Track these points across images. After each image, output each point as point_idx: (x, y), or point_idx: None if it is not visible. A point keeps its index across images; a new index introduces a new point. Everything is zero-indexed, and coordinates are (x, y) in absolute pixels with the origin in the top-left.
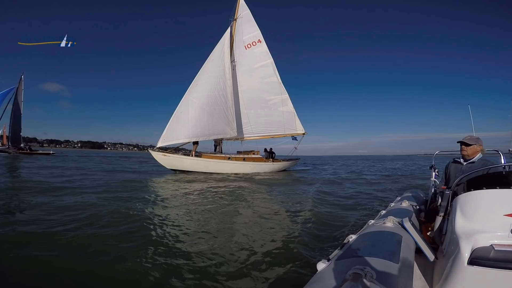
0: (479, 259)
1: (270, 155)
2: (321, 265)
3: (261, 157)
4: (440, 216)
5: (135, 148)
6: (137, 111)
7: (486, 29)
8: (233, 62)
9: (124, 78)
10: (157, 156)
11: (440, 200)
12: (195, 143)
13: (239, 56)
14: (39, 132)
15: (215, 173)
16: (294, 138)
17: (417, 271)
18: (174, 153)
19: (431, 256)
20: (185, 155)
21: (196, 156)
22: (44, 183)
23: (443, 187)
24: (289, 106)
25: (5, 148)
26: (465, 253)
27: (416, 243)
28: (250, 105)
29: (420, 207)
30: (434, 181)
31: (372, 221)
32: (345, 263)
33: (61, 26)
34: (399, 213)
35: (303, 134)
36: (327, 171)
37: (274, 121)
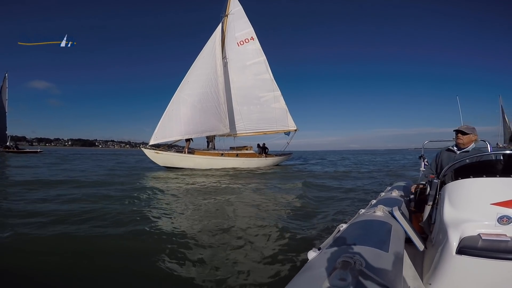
0: (467, 248)
1: (263, 150)
2: (312, 254)
3: (254, 152)
4: (429, 205)
5: (127, 145)
6: (128, 108)
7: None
8: (224, 59)
9: (113, 74)
10: (150, 154)
11: (428, 189)
12: (188, 140)
13: (231, 53)
14: (28, 131)
15: (208, 169)
16: (286, 134)
17: (407, 260)
18: (167, 150)
19: (420, 246)
20: (177, 152)
21: (189, 153)
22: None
23: (431, 175)
24: (281, 103)
25: None
26: (453, 242)
27: (405, 232)
28: (242, 101)
29: (410, 196)
30: (424, 170)
31: (363, 210)
32: (335, 251)
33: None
34: (389, 203)
35: (295, 130)
36: (319, 164)
37: (266, 117)
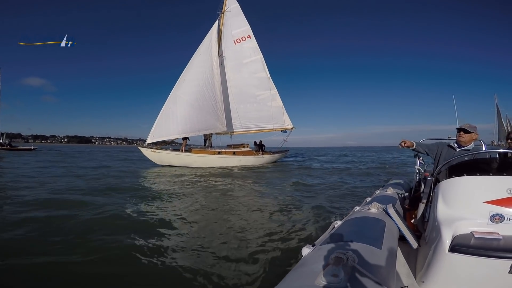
0: (459, 246)
1: (260, 148)
2: (306, 250)
3: (251, 150)
4: (422, 203)
5: (124, 142)
6: (124, 104)
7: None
8: (221, 57)
9: (109, 70)
10: (147, 153)
11: (423, 187)
12: (185, 138)
13: (227, 51)
14: (23, 128)
15: (205, 167)
16: (283, 132)
17: (401, 258)
18: (165, 146)
19: (414, 243)
20: (175, 150)
21: (186, 151)
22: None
23: (425, 173)
24: (278, 101)
25: None
26: (446, 240)
27: (399, 230)
28: (239, 100)
29: (405, 194)
30: (419, 169)
31: (358, 207)
32: (329, 248)
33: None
34: (384, 200)
35: (291, 128)
36: (315, 161)
37: (263, 115)
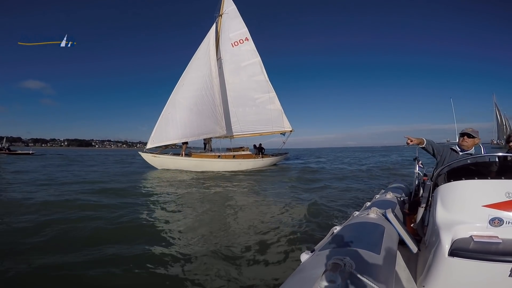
0: (459, 250)
1: (259, 151)
2: (304, 256)
3: (250, 153)
4: (422, 207)
5: (124, 145)
6: (123, 106)
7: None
8: (219, 60)
9: (108, 73)
10: (148, 158)
11: (422, 191)
12: (185, 142)
13: (225, 54)
14: (23, 132)
15: (205, 171)
16: (282, 134)
17: (401, 262)
18: (164, 152)
19: (413, 248)
20: (175, 154)
21: (186, 155)
22: None
23: (424, 178)
24: (277, 104)
25: None
26: (446, 244)
27: (399, 234)
28: (238, 103)
29: (405, 198)
30: (418, 173)
31: (357, 212)
32: (327, 254)
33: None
34: (383, 205)
35: (291, 131)
36: (315, 163)
37: (262, 119)
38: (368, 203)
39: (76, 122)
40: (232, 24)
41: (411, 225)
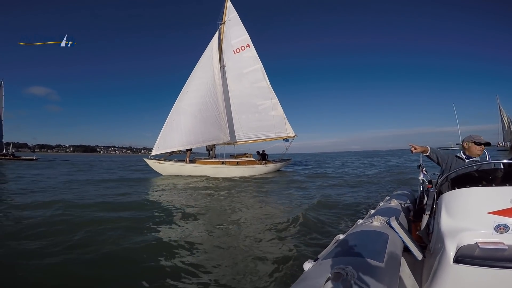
0: (464, 257)
1: (262, 157)
2: (307, 265)
3: (254, 160)
4: (426, 214)
5: (129, 151)
6: (127, 111)
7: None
8: (222, 67)
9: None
10: (153, 164)
11: (426, 199)
12: (189, 149)
13: (228, 61)
14: (29, 138)
15: (209, 178)
16: (285, 140)
17: (406, 269)
18: (169, 159)
19: (418, 255)
20: (179, 161)
21: (191, 161)
22: None
23: (428, 185)
24: (279, 110)
25: None
26: (451, 251)
27: (403, 242)
28: (241, 110)
29: (409, 206)
30: (423, 180)
31: (361, 220)
32: (330, 263)
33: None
34: (387, 213)
35: (293, 136)
36: (318, 168)
37: (265, 125)
38: (372, 211)
39: (81, 128)
40: (233, 31)
41: (416, 232)
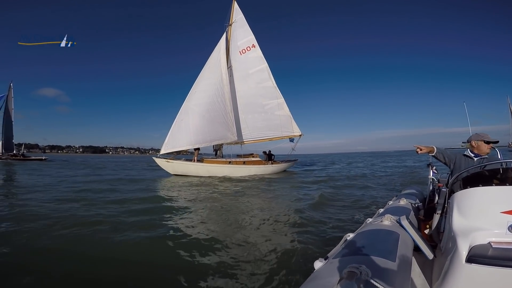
0: (477, 257)
1: (269, 157)
2: (318, 264)
3: (260, 160)
4: (437, 214)
5: (137, 152)
6: (134, 112)
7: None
8: (229, 68)
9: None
10: (161, 163)
11: (437, 198)
12: (197, 149)
13: (234, 62)
14: (40, 138)
15: (217, 177)
16: (291, 140)
17: (416, 269)
18: (177, 158)
19: (429, 254)
20: (187, 160)
21: (198, 161)
22: None
23: (439, 184)
24: (285, 110)
25: None
26: (463, 251)
27: (414, 241)
28: (247, 110)
29: (419, 205)
30: (432, 179)
31: (370, 219)
32: (341, 261)
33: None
34: (397, 211)
35: (300, 135)
36: (325, 169)
37: (271, 124)
38: (381, 210)
39: (89, 128)
40: (239, 32)
41: (426, 231)
